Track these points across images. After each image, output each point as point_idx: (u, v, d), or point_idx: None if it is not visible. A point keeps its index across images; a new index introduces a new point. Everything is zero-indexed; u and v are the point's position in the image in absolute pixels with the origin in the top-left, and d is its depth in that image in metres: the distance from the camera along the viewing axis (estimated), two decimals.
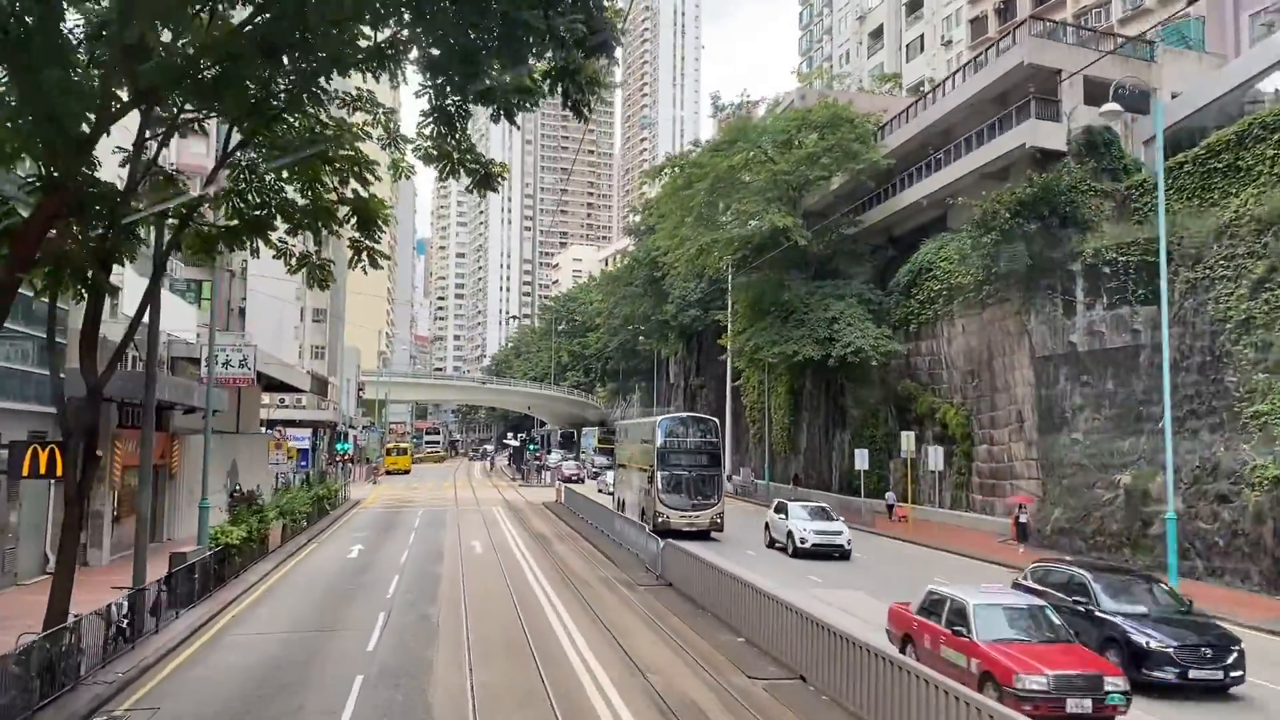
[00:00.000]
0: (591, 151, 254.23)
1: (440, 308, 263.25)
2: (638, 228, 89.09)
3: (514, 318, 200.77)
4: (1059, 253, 34.79)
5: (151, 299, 16.94)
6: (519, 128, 14.24)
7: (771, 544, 31.78)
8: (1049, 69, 38.10)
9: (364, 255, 15.29)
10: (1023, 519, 33.21)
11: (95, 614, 14.58)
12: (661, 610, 20.17)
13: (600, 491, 53.43)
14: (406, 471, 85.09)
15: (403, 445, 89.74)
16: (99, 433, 15.99)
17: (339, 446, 51.31)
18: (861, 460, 42.54)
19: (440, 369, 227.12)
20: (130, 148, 13.99)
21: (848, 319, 45.32)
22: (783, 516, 31.55)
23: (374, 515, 44.14)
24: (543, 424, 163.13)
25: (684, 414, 44.49)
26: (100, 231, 13.49)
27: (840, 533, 29.73)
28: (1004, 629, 13.51)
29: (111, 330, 26.28)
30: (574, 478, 67.15)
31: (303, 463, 58.78)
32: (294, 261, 15.92)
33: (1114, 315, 32.52)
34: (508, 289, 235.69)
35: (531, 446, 69.30)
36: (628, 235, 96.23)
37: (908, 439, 40.37)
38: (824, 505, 34.37)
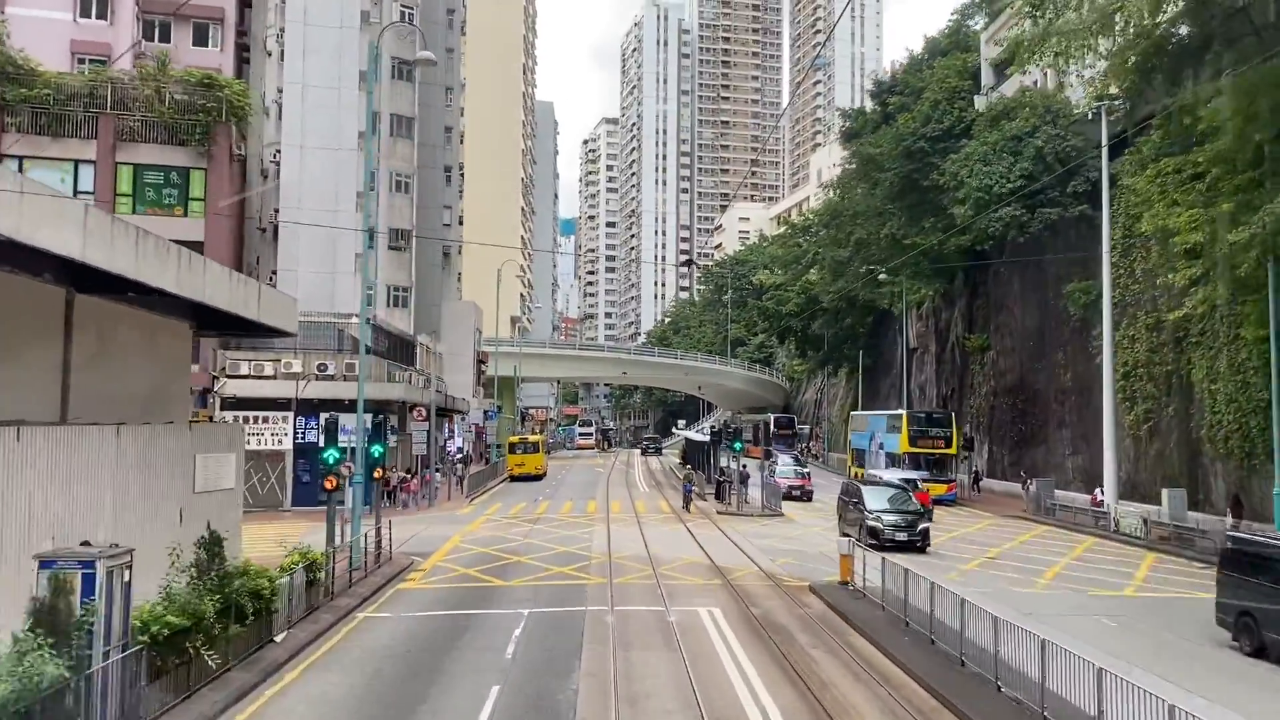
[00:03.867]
0: (755, 101, 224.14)
1: (590, 283, 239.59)
2: (871, 119, 60.48)
3: (682, 270, 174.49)
4: None
5: None
6: None
7: None
8: None
9: None
10: None
11: None
12: None
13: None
14: (538, 476, 58.29)
15: (531, 439, 61.92)
16: None
17: (326, 457, 21.56)
18: None
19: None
20: None
21: None
22: None
23: (374, 668, 15.82)
24: (710, 408, 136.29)
25: None
26: None
27: None
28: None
29: None
30: None
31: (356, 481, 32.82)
32: None
33: None
34: (663, 257, 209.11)
35: (737, 446, 39.38)
36: (844, 141, 67.44)
37: None
38: None
